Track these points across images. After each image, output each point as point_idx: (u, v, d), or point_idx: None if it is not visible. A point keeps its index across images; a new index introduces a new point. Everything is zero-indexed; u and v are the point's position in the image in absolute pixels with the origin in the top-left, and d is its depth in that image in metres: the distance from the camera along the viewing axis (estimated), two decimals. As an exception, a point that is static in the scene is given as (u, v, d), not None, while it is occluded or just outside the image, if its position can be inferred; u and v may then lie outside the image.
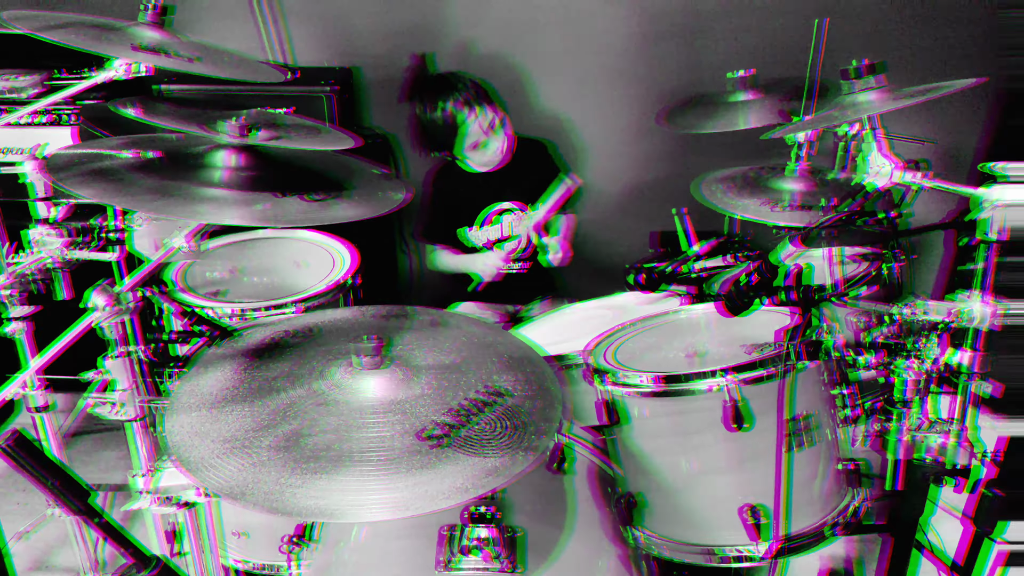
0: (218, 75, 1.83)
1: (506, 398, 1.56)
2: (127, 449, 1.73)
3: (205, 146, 1.71)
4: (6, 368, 2.04)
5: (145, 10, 1.85)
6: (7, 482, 3.24)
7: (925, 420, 1.84)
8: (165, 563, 1.44)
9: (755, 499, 1.79)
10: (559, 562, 1.73)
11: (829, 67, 2.29)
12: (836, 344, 1.86)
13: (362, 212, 1.66)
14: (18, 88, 3.27)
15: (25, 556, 2.94)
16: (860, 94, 1.77)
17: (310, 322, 1.85)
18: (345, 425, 1.46)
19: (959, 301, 1.69)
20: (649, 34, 3.58)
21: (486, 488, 1.35)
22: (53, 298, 2.25)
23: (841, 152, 2.54)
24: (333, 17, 3.66)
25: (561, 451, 2.02)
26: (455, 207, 3.21)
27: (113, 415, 1.65)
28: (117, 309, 1.50)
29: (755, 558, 1.80)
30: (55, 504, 1.43)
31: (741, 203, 2.26)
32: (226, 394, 1.56)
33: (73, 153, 1.70)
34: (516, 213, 3.22)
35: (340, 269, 2.67)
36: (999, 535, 1.82)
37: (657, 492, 1.88)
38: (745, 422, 1.74)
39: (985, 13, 3.34)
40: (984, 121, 3.57)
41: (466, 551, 1.65)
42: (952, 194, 1.68)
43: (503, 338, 1.83)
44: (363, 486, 1.33)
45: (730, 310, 1.80)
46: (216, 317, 2.35)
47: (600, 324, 2.40)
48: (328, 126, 2.01)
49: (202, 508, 1.66)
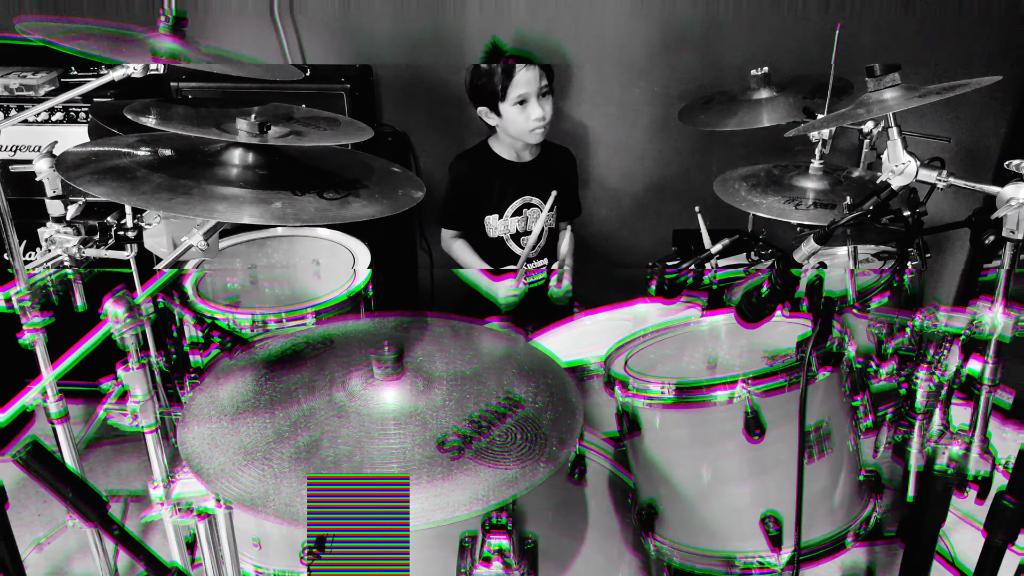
0: (234, 73, 1.83)
1: (524, 407, 1.56)
2: (145, 458, 1.72)
3: (220, 144, 1.71)
4: (23, 376, 2.05)
5: (161, 19, 1.84)
6: (26, 491, 3.24)
7: (944, 430, 1.83)
8: (181, 572, 1.43)
9: (774, 508, 1.78)
10: (576, 571, 1.73)
11: (847, 65, 2.28)
12: (854, 354, 1.85)
13: (379, 210, 1.65)
14: (32, 86, 3.29)
15: (43, 565, 2.95)
16: (884, 91, 1.76)
17: (327, 331, 1.85)
18: (363, 435, 1.45)
19: (979, 310, 1.68)
20: (668, 32, 3.58)
21: (504, 498, 1.35)
22: (74, 308, 2.26)
23: (866, 149, 2.54)
24: (349, 24, 3.67)
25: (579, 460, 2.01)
26: (482, 193, 3.22)
27: (130, 424, 1.65)
28: (133, 318, 1.50)
29: (774, 567, 1.79)
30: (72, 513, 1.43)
31: (763, 201, 2.25)
32: (244, 404, 1.57)
33: (87, 151, 1.69)
34: (538, 210, 3.24)
35: (357, 270, 2.67)
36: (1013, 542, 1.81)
37: (675, 501, 1.87)
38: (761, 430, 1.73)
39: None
40: (1008, 119, 3.56)
41: (485, 560, 1.64)
42: (974, 193, 1.67)
43: (521, 347, 1.83)
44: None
45: (746, 319, 1.79)
46: (233, 326, 2.36)
47: (618, 333, 2.40)
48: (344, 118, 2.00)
49: (219, 517, 1.66)
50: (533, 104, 3.07)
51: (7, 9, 1.89)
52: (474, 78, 3.13)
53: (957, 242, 3.90)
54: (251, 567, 2.31)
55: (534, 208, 3.25)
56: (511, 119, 3.10)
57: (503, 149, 3.24)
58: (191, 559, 1.91)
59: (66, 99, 2.36)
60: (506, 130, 3.15)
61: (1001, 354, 1.72)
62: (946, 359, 1.79)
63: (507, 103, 3.06)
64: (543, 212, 3.12)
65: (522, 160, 3.26)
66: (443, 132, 3.77)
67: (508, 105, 3.07)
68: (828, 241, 1.75)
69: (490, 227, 3.25)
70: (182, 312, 1.94)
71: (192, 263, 2.69)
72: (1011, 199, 1.57)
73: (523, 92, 3.04)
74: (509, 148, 3.23)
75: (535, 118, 3.07)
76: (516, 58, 3.06)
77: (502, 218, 3.23)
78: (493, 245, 3.28)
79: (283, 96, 2.60)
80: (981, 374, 1.74)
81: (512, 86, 3.03)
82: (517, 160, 3.25)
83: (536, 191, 3.25)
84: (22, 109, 3.10)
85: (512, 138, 3.18)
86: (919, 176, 1.66)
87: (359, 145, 1.89)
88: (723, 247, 2.22)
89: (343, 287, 2.55)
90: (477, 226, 3.26)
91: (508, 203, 3.22)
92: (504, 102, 3.06)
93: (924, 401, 1.81)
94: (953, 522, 2.94)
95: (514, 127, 3.12)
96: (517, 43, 3.38)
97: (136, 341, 1.58)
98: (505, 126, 3.14)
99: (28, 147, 3.27)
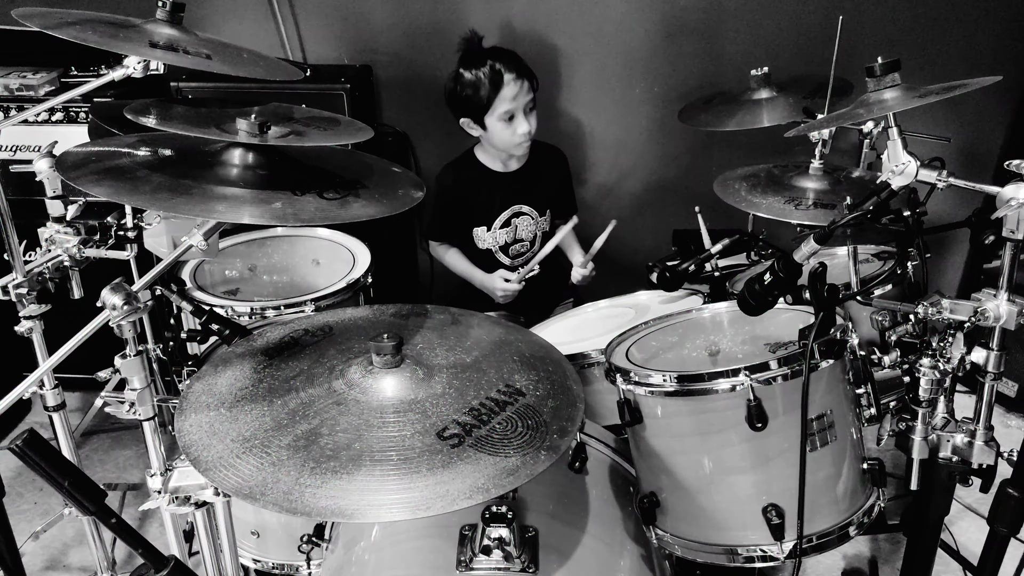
0: (234, 73, 1.82)
1: (525, 397, 1.55)
2: (143, 448, 1.72)
3: (220, 144, 1.70)
4: (20, 367, 2.04)
5: (159, 8, 1.83)
6: (23, 481, 3.24)
7: (947, 420, 1.83)
8: (179, 563, 1.42)
9: (776, 498, 1.77)
10: (577, 562, 1.72)
11: (848, 64, 2.27)
12: (858, 343, 1.84)
13: (380, 210, 1.64)
14: (32, 86, 3.27)
15: (40, 555, 2.95)
16: (884, 91, 1.75)
17: (326, 321, 1.84)
18: (363, 424, 1.44)
19: (983, 299, 1.67)
20: (668, 31, 3.57)
21: (505, 488, 1.34)
22: (69, 297, 2.26)
23: (866, 149, 2.54)
24: (348, 14, 3.66)
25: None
26: (469, 205, 3.16)
27: (128, 414, 1.64)
28: (131, 308, 1.48)
29: (776, 557, 1.78)
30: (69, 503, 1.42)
31: (763, 201, 2.24)
32: (242, 393, 1.56)
33: (87, 151, 1.68)
34: (529, 218, 3.21)
35: (356, 267, 2.67)
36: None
37: (677, 491, 1.86)
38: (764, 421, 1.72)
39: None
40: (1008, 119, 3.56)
41: (485, 551, 1.64)
42: (974, 193, 1.67)
43: (521, 337, 1.82)
44: (381, 486, 1.32)
45: (749, 309, 1.78)
46: (231, 316, 2.35)
47: (620, 323, 2.39)
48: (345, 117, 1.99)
49: (217, 507, 1.65)
50: (520, 119, 2.97)
51: (5, 5, 1.88)
52: (457, 87, 3.00)
53: (956, 244, 3.90)
54: (249, 558, 2.31)
55: (524, 216, 3.20)
56: (496, 133, 3.00)
57: (489, 159, 3.17)
58: (189, 550, 1.91)
59: (66, 99, 2.35)
60: (490, 141, 3.06)
61: (1005, 344, 1.71)
62: (949, 348, 1.78)
63: (493, 117, 2.96)
64: (536, 223, 3.14)
65: (509, 169, 3.18)
66: (443, 132, 3.76)
67: (494, 119, 2.97)
68: (828, 241, 1.74)
69: (478, 239, 3.19)
70: (181, 301, 1.93)
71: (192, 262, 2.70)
72: (1011, 199, 1.57)
73: (510, 108, 2.93)
74: (495, 158, 3.16)
75: (521, 133, 2.98)
76: (503, 63, 2.93)
77: (491, 230, 3.18)
78: (482, 256, 3.23)
79: (283, 96, 2.61)
80: (985, 363, 1.73)
81: (499, 100, 2.92)
82: (504, 170, 3.18)
83: (525, 199, 3.19)
84: (22, 109, 3.10)
85: (497, 149, 3.11)
86: (919, 176, 1.66)
87: (359, 145, 1.88)
88: (723, 247, 2.22)
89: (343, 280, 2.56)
90: (465, 238, 3.21)
91: (496, 214, 3.16)
92: (490, 115, 2.96)
93: (927, 391, 1.81)
94: (956, 512, 2.95)
95: (499, 140, 3.03)
96: (517, 43, 3.37)
97: (134, 331, 1.57)
98: (489, 138, 3.04)
99: (28, 147, 3.27)
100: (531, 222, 3.20)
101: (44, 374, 1.79)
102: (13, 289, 2.15)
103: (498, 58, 2.95)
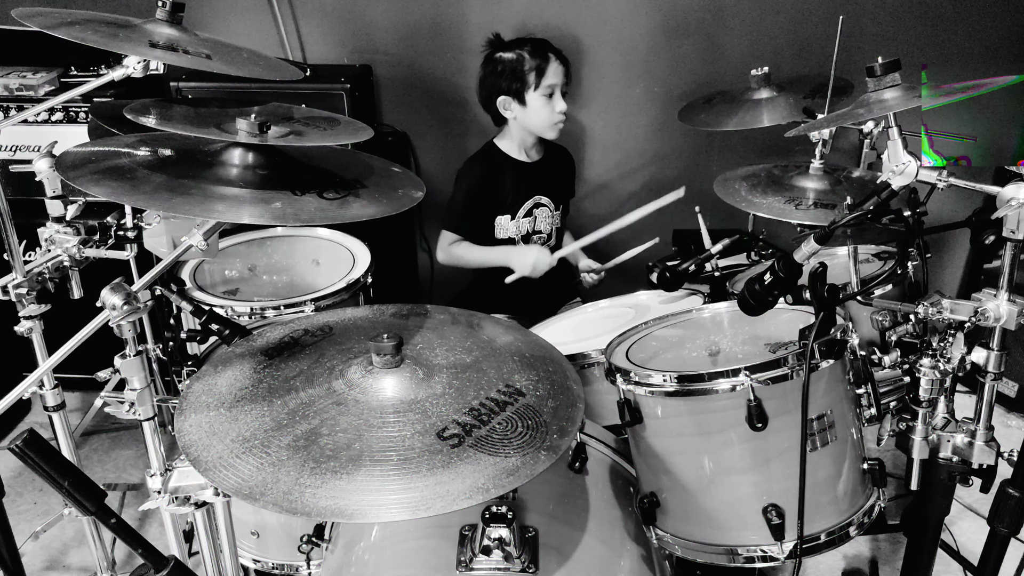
0: (234, 73, 1.82)
1: (525, 397, 1.55)
2: (143, 448, 1.72)
3: (220, 144, 1.70)
4: (20, 367, 2.04)
5: (159, 7, 1.83)
6: (23, 481, 3.24)
7: (947, 420, 1.83)
8: (179, 563, 1.42)
9: (776, 498, 1.76)
10: (577, 562, 1.71)
11: (848, 64, 2.27)
12: (858, 343, 1.84)
13: (380, 210, 1.64)
14: (32, 86, 3.27)
15: (40, 555, 2.95)
16: (885, 91, 1.75)
17: (326, 321, 1.84)
18: (363, 424, 1.44)
19: (983, 299, 1.67)
20: (668, 31, 3.57)
21: (505, 488, 1.34)
22: (69, 297, 2.26)
23: (867, 149, 2.54)
24: (348, 15, 3.66)
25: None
26: (495, 194, 3.17)
27: (128, 414, 1.64)
28: (131, 308, 1.48)
29: (777, 558, 1.78)
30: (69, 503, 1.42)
31: (763, 201, 2.24)
32: (242, 393, 1.55)
33: (87, 151, 1.68)
34: (548, 210, 3.23)
35: (356, 267, 2.67)
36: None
37: (677, 491, 1.86)
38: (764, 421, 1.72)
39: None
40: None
41: (485, 551, 1.63)
42: (974, 192, 1.67)
43: (522, 336, 1.81)
44: (381, 486, 1.32)
45: (749, 309, 1.78)
46: (231, 316, 2.35)
47: (620, 323, 2.39)
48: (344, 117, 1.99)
49: (217, 507, 1.65)
50: (558, 97, 3.04)
51: (5, 5, 1.88)
52: (498, 67, 3.06)
53: (956, 244, 3.89)
54: (249, 558, 2.31)
55: (543, 208, 3.22)
56: (536, 110, 3.04)
57: (512, 148, 3.19)
58: (189, 550, 1.91)
59: (66, 99, 2.35)
60: (525, 122, 3.09)
61: (1005, 344, 1.71)
62: (950, 349, 1.78)
63: (537, 92, 3.01)
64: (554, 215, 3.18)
65: (531, 159, 3.22)
66: (443, 132, 3.78)
67: (538, 94, 3.02)
68: (828, 241, 1.74)
69: (500, 228, 3.19)
70: (181, 301, 1.93)
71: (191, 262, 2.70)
72: (1011, 199, 1.57)
73: (553, 83, 3.01)
74: (518, 146, 3.18)
75: (559, 110, 3.04)
76: (546, 46, 3.04)
77: (514, 219, 3.18)
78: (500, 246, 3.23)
79: (283, 96, 2.61)
80: (985, 363, 1.73)
81: (545, 75, 2.99)
82: (526, 159, 3.21)
83: (544, 190, 3.22)
84: (22, 109, 3.10)
85: (526, 132, 3.13)
86: (919, 176, 1.66)
87: (359, 145, 1.88)
88: (723, 247, 2.22)
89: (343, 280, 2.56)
90: (485, 229, 3.20)
91: (521, 203, 3.18)
92: (535, 90, 3.01)
93: (928, 391, 1.81)
94: (957, 513, 2.95)
95: (537, 118, 3.06)
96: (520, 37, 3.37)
97: (133, 331, 1.57)
98: (526, 117, 3.07)
99: (28, 147, 3.27)
100: (549, 214, 3.22)
101: (44, 374, 1.79)
102: (13, 289, 2.15)
103: (538, 42, 3.07)
